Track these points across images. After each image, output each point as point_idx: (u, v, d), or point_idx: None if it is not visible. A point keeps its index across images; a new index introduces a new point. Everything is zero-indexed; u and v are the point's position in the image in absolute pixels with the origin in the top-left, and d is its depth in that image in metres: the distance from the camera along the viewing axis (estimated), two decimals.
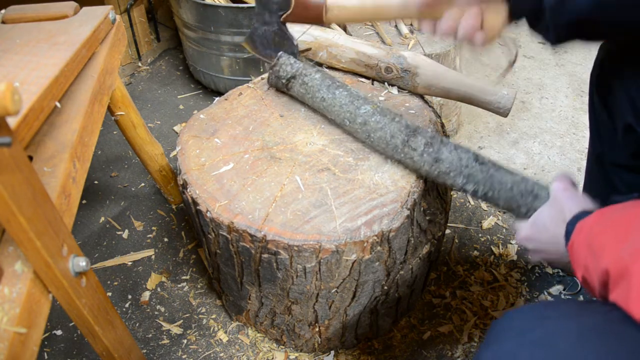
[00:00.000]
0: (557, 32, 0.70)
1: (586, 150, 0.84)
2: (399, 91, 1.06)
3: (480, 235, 1.28)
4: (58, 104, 0.74)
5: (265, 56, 1.03)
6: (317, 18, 0.93)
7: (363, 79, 1.09)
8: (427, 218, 0.90)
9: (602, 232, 0.53)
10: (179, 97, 1.81)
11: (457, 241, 1.27)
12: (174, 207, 1.38)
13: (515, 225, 0.76)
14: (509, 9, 0.73)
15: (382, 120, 0.87)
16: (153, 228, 1.32)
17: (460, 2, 0.75)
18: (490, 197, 0.79)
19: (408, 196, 0.82)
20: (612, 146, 0.89)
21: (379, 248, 0.80)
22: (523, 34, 2.09)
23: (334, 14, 0.91)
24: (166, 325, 1.09)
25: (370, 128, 0.87)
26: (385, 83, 1.08)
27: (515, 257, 1.23)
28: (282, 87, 1.02)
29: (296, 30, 1.05)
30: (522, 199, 0.77)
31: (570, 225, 0.62)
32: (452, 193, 1.17)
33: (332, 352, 1.04)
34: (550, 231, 0.67)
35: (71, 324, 1.10)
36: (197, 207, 0.83)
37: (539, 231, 0.70)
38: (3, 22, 0.94)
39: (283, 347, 1.05)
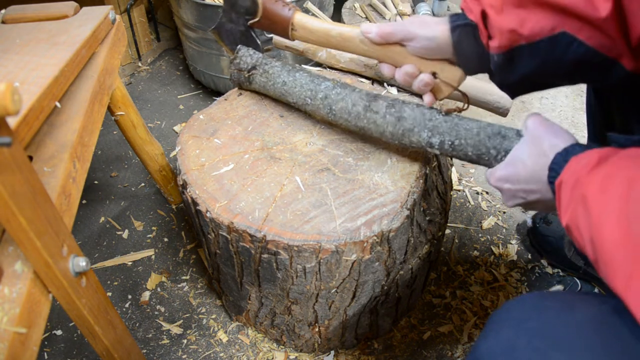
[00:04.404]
0: (510, 88, 0.74)
1: None
2: (398, 91, 1.06)
3: (480, 235, 1.28)
4: (58, 104, 0.74)
5: (231, 49, 1.01)
6: (283, 33, 0.92)
7: (362, 79, 1.09)
8: (427, 218, 0.90)
9: (603, 191, 0.48)
10: (179, 97, 1.81)
11: (457, 241, 1.27)
12: (174, 207, 1.38)
13: (488, 172, 0.72)
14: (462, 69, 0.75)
15: (342, 92, 0.87)
16: (153, 228, 1.32)
17: (414, 59, 0.77)
18: (458, 147, 0.77)
19: (408, 196, 0.82)
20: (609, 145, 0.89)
21: (378, 248, 0.80)
22: None
23: (300, 34, 0.90)
24: (166, 325, 1.09)
25: (331, 101, 0.88)
26: (385, 83, 1.08)
27: (515, 257, 1.23)
28: (244, 82, 1.00)
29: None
30: (490, 142, 0.74)
31: (560, 156, 0.59)
32: (451, 193, 1.17)
33: (332, 352, 1.04)
34: (529, 166, 0.64)
35: (71, 324, 1.10)
36: (197, 208, 0.83)
37: (516, 168, 0.66)
38: (3, 22, 0.94)
39: (283, 347, 1.05)
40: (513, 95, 0.75)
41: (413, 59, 0.78)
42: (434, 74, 0.78)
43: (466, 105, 0.81)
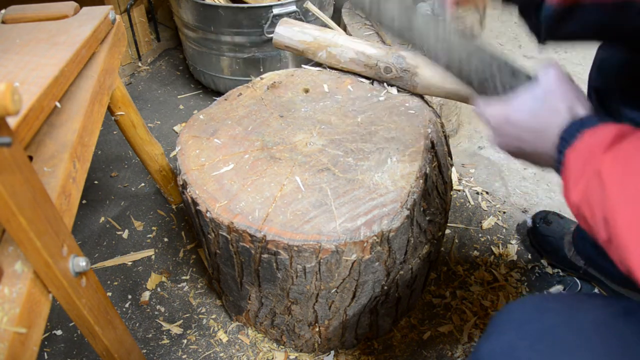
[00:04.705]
0: (544, 37, 0.69)
1: None
2: (398, 91, 1.06)
3: (480, 235, 1.28)
4: (58, 104, 0.74)
5: None
6: None
7: (363, 79, 1.09)
8: (427, 218, 0.90)
9: (624, 173, 0.46)
10: (179, 97, 1.82)
11: (457, 241, 1.27)
12: (174, 207, 1.38)
13: (481, 101, 0.65)
14: None
15: None
16: (153, 228, 1.32)
17: None
18: (465, 68, 0.68)
19: (408, 196, 0.82)
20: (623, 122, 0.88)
21: (378, 248, 0.80)
22: (523, 34, 2.09)
23: None
24: (166, 325, 1.09)
25: None
26: (385, 83, 1.08)
27: (515, 257, 1.23)
28: None
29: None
30: (499, 74, 0.65)
31: (575, 125, 0.54)
32: (451, 193, 1.17)
33: (332, 352, 1.04)
34: (538, 119, 0.58)
35: (71, 324, 1.10)
36: (197, 208, 0.83)
37: (523, 114, 0.59)
38: (3, 22, 0.94)
39: (283, 347, 1.05)
40: (544, 39, 0.69)
41: None
42: None
43: (482, 25, 0.73)
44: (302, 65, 1.16)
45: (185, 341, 1.07)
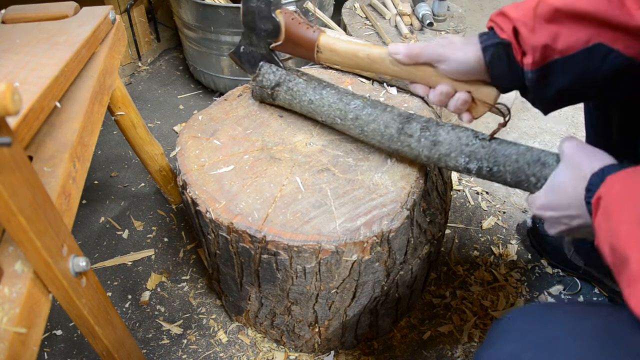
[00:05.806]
0: (543, 105, 0.73)
1: None
2: (398, 91, 1.06)
3: (480, 235, 1.28)
4: (58, 104, 0.74)
5: (251, 73, 0.99)
6: (307, 55, 0.89)
7: (363, 79, 1.09)
8: (427, 218, 0.90)
9: (624, 199, 0.48)
10: (179, 97, 1.82)
11: (457, 241, 1.27)
12: (174, 207, 1.38)
13: (529, 198, 0.71)
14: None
15: (373, 112, 0.85)
16: (153, 228, 1.32)
17: (446, 79, 0.76)
18: (497, 173, 0.75)
19: (408, 196, 0.82)
20: (607, 145, 0.89)
21: (378, 248, 0.80)
22: None
23: (326, 56, 0.87)
24: (166, 325, 1.09)
25: (362, 122, 0.85)
26: (385, 83, 1.08)
27: (515, 257, 1.23)
28: (267, 98, 0.98)
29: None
30: (529, 169, 0.72)
31: (595, 177, 0.57)
32: (451, 193, 1.17)
33: (332, 353, 1.04)
34: (569, 192, 0.62)
35: (71, 324, 1.10)
36: (197, 208, 0.83)
37: (557, 195, 0.64)
38: (3, 22, 0.94)
39: (283, 347, 1.05)
40: (546, 111, 0.74)
41: (446, 80, 0.76)
42: (469, 93, 0.76)
43: (508, 117, 0.78)
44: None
45: (185, 341, 1.07)
